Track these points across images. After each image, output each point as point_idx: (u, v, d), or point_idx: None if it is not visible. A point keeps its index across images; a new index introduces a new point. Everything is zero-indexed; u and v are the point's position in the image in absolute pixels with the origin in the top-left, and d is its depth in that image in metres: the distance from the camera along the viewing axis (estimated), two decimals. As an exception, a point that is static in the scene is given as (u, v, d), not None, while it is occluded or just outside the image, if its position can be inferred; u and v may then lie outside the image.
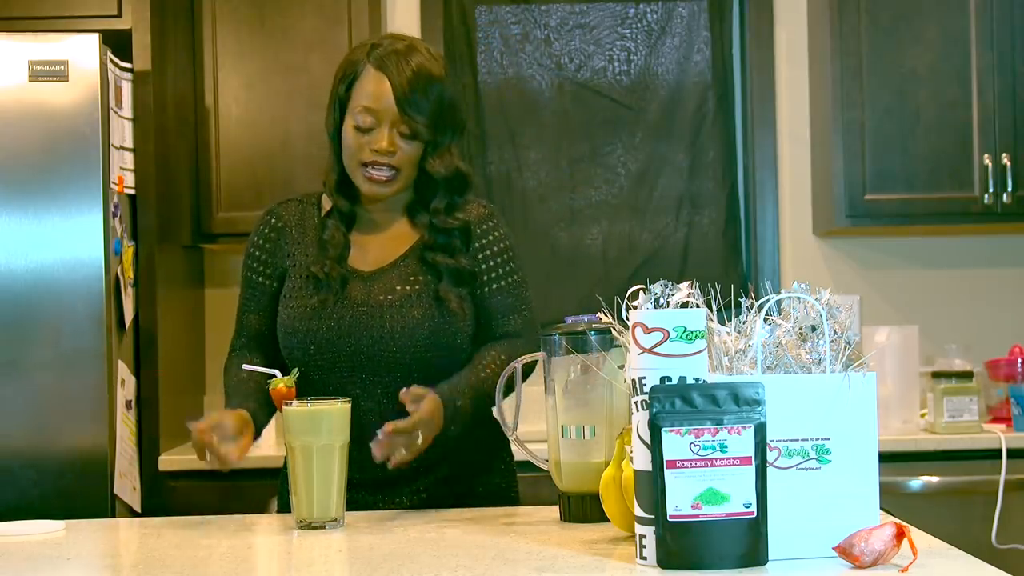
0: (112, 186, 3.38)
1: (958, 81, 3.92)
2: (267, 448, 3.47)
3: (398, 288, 2.26)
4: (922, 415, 3.78)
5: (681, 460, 1.56)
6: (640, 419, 1.60)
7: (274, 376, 2.16)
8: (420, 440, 2.09)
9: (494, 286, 2.32)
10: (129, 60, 3.56)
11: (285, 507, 2.32)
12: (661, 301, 1.67)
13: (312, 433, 2.02)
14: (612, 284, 4.16)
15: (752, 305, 1.70)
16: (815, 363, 1.67)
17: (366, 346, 2.23)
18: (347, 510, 2.07)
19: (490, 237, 2.34)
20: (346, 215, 2.32)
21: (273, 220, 2.36)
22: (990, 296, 4.27)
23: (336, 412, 2.04)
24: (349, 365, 2.24)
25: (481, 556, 1.75)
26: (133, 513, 3.42)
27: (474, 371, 2.23)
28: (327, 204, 2.35)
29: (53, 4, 3.63)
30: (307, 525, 2.01)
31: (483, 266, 2.31)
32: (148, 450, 3.53)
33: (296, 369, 2.18)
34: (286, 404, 2.05)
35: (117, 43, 3.49)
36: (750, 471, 1.56)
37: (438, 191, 2.31)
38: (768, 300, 1.69)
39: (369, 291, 2.26)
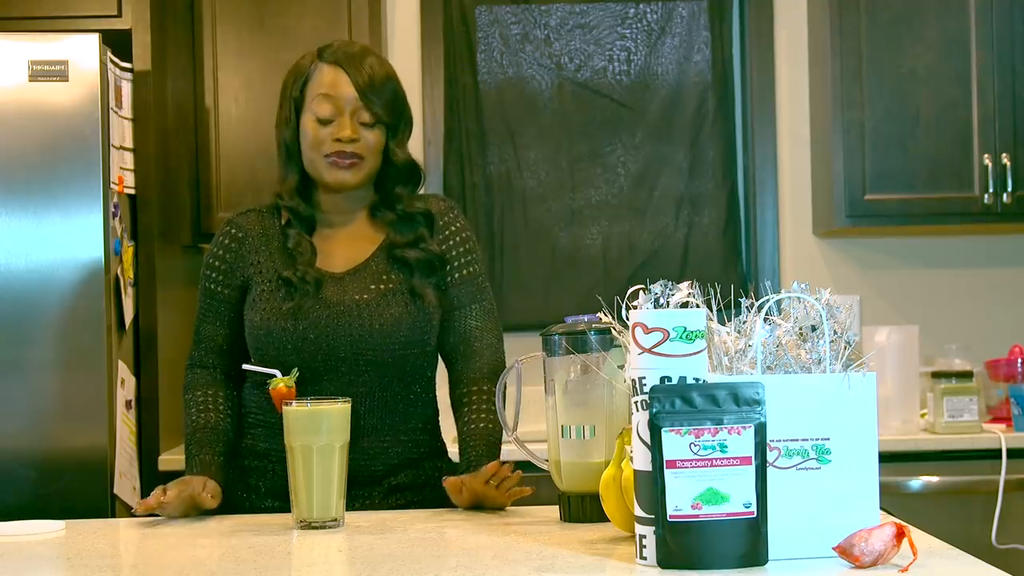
0: (112, 186, 3.38)
1: (958, 81, 3.92)
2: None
3: (372, 287, 2.27)
4: (922, 415, 3.78)
5: (681, 460, 1.56)
6: (640, 419, 1.60)
7: (274, 376, 2.16)
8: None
9: (456, 275, 2.35)
10: (129, 60, 3.56)
11: (231, 511, 2.32)
12: (661, 301, 1.67)
13: (312, 433, 2.02)
14: (612, 284, 4.16)
15: (752, 305, 1.70)
16: (815, 363, 1.67)
17: (344, 346, 2.24)
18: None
19: (452, 228, 2.37)
20: (305, 219, 2.32)
21: (233, 231, 2.36)
22: (990, 296, 4.27)
23: (336, 412, 2.05)
24: (325, 365, 2.25)
25: (481, 556, 1.75)
26: (133, 513, 3.41)
27: (483, 430, 2.25)
28: (286, 214, 2.35)
29: (53, 4, 3.62)
30: (307, 525, 2.01)
31: (446, 256, 2.34)
32: (148, 450, 3.53)
33: (296, 369, 2.18)
34: (286, 404, 2.05)
35: (117, 43, 3.49)
36: (750, 471, 1.56)
37: (398, 183, 2.33)
38: (768, 300, 1.69)
39: (344, 291, 2.27)
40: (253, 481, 2.32)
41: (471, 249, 2.38)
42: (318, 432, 2.02)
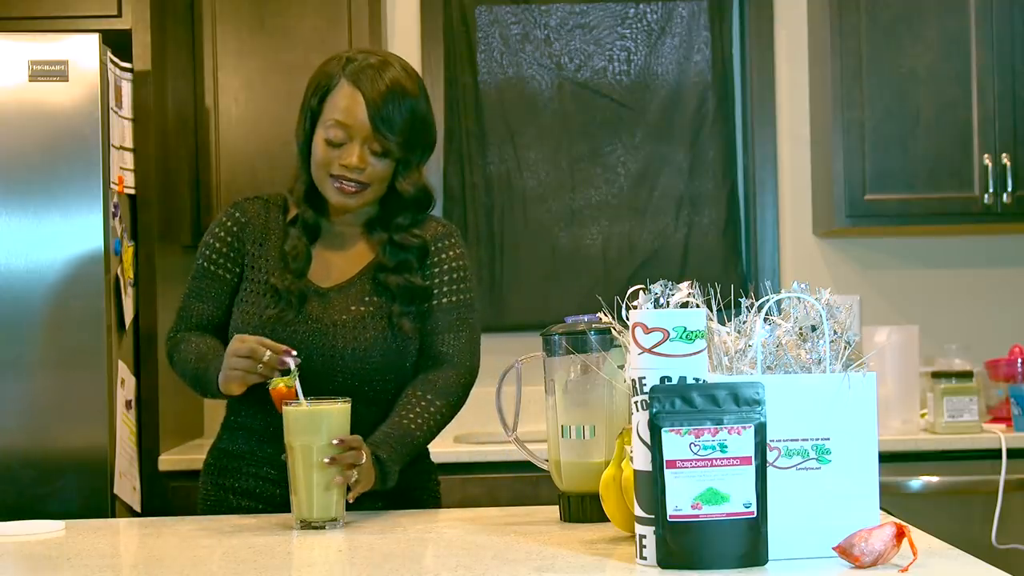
0: (112, 186, 3.38)
1: (958, 81, 3.92)
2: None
3: (352, 308, 2.26)
4: (922, 415, 3.78)
5: (681, 460, 1.56)
6: (640, 419, 1.60)
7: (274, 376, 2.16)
8: (356, 479, 2.06)
9: (442, 301, 2.32)
10: (129, 60, 3.56)
11: (209, 509, 2.33)
12: (661, 301, 1.67)
13: (312, 433, 2.02)
14: (612, 284, 4.16)
15: (752, 305, 1.70)
16: (815, 363, 1.67)
17: (316, 363, 2.23)
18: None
19: (444, 255, 2.34)
20: (311, 226, 2.32)
21: (238, 215, 2.35)
22: (990, 296, 4.27)
23: (336, 412, 2.05)
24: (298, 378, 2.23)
25: (481, 556, 1.75)
26: (133, 513, 3.42)
27: (402, 425, 2.21)
28: (293, 209, 2.35)
29: (53, 4, 3.63)
30: (307, 525, 2.01)
31: (434, 281, 2.31)
32: (148, 450, 3.53)
33: (296, 369, 2.17)
34: (286, 404, 2.05)
35: (117, 43, 3.49)
36: (750, 471, 1.56)
37: (403, 208, 2.31)
38: (768, 300, 1.69)
39: (325, 309, 2.26)
40: (228, 481, 2.33)
41: (460, 279, 2.34)
42: (318, 432, 2.02)
